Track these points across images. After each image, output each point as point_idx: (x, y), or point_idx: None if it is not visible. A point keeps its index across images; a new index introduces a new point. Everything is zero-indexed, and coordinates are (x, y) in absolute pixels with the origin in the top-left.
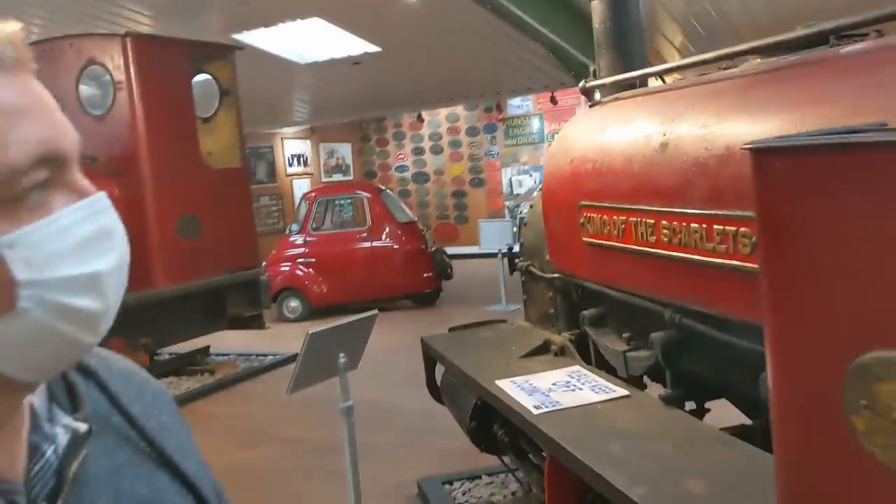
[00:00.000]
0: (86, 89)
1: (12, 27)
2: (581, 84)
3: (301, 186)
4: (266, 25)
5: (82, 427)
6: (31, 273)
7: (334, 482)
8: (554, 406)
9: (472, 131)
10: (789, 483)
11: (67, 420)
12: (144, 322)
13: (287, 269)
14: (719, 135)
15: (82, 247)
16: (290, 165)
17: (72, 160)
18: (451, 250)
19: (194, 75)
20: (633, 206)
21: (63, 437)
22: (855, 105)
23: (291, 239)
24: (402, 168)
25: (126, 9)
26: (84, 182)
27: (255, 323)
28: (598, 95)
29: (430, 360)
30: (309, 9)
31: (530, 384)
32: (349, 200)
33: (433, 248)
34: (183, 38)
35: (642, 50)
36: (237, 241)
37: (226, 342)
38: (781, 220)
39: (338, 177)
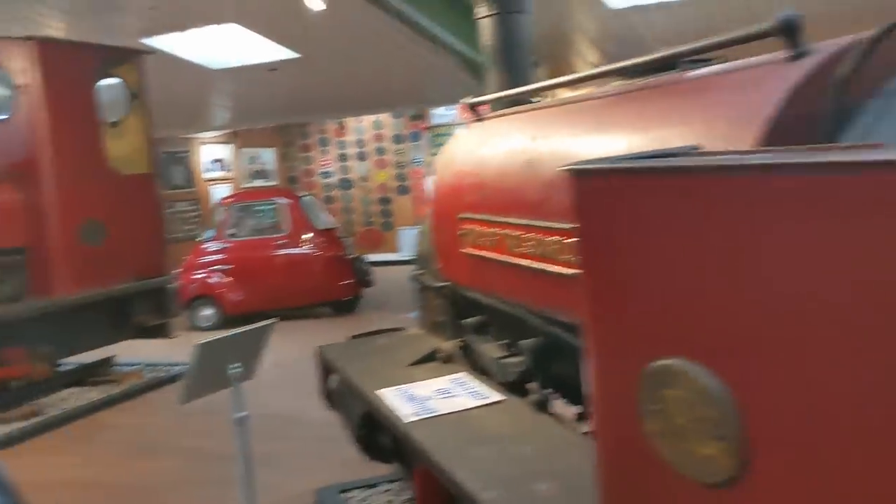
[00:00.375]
0: None
1: None
2: (463, 100)
3: (221, 192)
4: (180, 30)
5: None
6: None
7: (231, 492)
8: (429, 413)
9: (397, 139)
10: (605, 479)
11: None
12: (47, 331)
13: (201, 276)
14: (573, 152)
15: None
16: (210, 170)
17: None
18: (375, 257)
19: (102, 79)
20: (504, 219)
21: None
22: (688, 125)
23: (206, 245)
24: (326, 174)
25: (39, 13)
26: None
27: (162, 332)
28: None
29: (326, 368)
30: (225, 14)
31: (412, 392)
32: (267, 207)
33: (353, 256)
34: (90, 42)
35: (527, 67)
36: (145, 248)
37: (135, 351)
38: (593, 235)
39: (260, 182)
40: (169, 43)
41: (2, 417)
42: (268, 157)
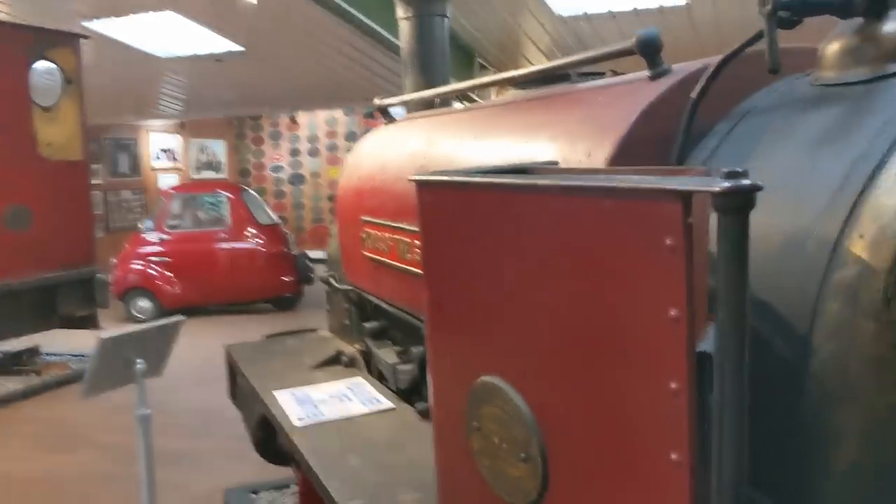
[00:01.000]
0: None
1: None
2: (375, 102)
3: (168, 181)
4: (117, 15)
5: None
6: None
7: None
8: (316, 418)
9: (350, 136)
10: (440, 495)
11: None
12: None
13: (138, 267)
14: (458, 159)
15: None
16: (157, 159)
17: None
18: (323, 254)
19: (34, 62)
20: (397, 224)
21: None
22: (556, 139)
23: (145, 236)
24: (277, 168)
25: None
26: None
27: (89, 323)
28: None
29: (232, 368)
30: (161, 2)
31: (307, 395)
32: (209, 199)
33: (295, 252)
34: (20, 23)
35: (444, 70)
36: (72, 236)
37: (62, 342)
38: (430, 245)
39: (209, 174)
40: (115, 29)
41: None
42: (218, 148)
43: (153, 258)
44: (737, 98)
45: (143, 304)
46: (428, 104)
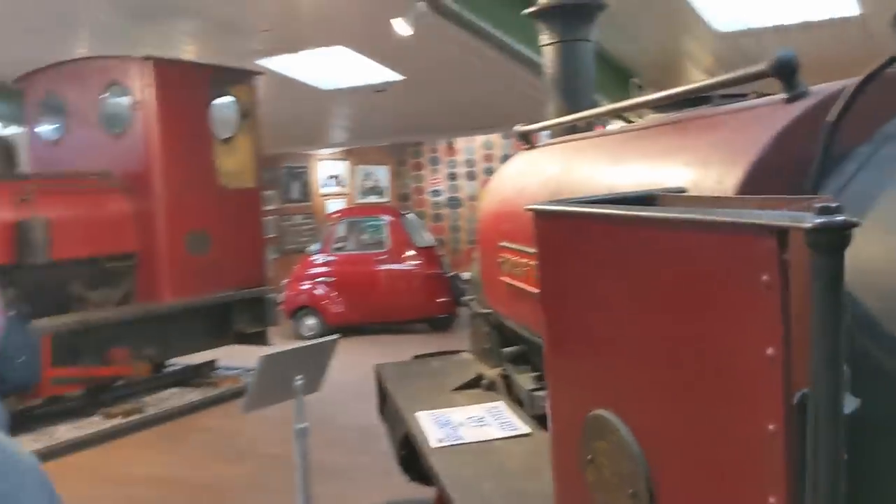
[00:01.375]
0: (107, 108)
1: None
2: (515, 129)
3: (335, 206)
4: (291, 52)
5: None
6: None
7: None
8: (454, 440)
9: (505, 159)
10: None
11: None
12: (150, 333)
13: (306, 287)
14: (592, 183)
15: None
16: (325, 185)
17: None
18: None
19: (216, 98)
20: (533, 250)
21: None
22: (689, 164)
23: (313, 258)
24: (436, 192)
25: (172, 35)
26: None
27: (260, 339)
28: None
29: (381, 387)
30: (333, 37)
31: (447, 417)
32: (371, 223)
33: (451, 274)
34: (203, 63)
35: (588, 95)
36: (246, 259)
37: (236, 357)
38: (547, 273)
39: (373, 198)
40: (284, 65)
41: (106, 413)
42: (381, 174)
43: (319, 279)
44: (879, 121)
45: (311, 322)
46: (569, 129)
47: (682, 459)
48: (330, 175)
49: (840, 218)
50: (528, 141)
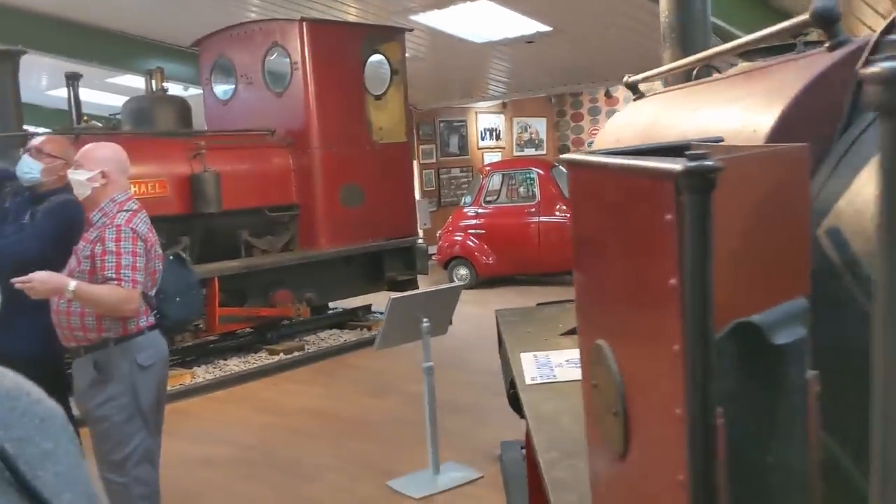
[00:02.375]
0: (270, 69)
1: None
2: (625, 79)
3: (492, 160)
4: (440, 8)
5: None
6: None
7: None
8: (547, 379)
9: None
10: (588, 444)
11: None
12: (310, 278)
13: (459, 239)
14: (673, 132)
15: None
16: (483, 139)
17: None
18: None
19: (368, 56)
20: None
21: None
22: (749, 107)
23: (465, 210)
24: (593, 143)
25: None
26: None
27: (410, 286)
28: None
29: (499, 331)
30: None
31: (548, 359)
32: (521, 175)
33: None
34: (355, 22)
35: (705, 43)
36: (396, 210)
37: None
38: (575, 218)
39: (530, 151)
40: (437, 20)
41: (271, 350)
42: (540, 126)
43: (471, 230)
44: None
45: (463, 272)
46: (685, 78)
47: (637, 380)
48: (487, 128)
49: (705, 163)
50: (637, 91)
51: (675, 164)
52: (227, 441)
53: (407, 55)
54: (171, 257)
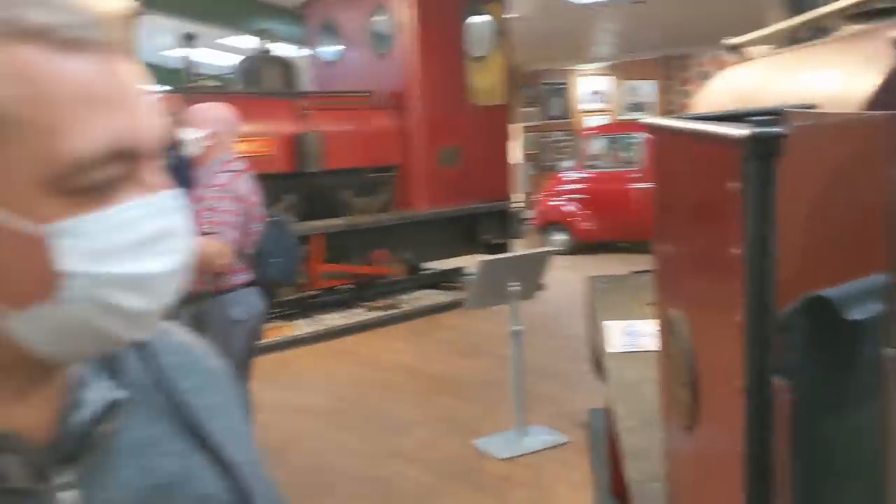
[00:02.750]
0: (374, 30)
1: (114, 4)
2: (724, 42)
3: (596, 123)
4: None
5: (119, 395)
6: (78, 265)
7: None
8: (630, 348)
9: None
10: (662, 411)
11: (106, 385)
12: (406, 239)
13: (557, 203)
14: (771, 97)
15: (140, 244)
16: (587, 102)
17: (147, 155)
18: None
19: (471, 17)
20: None
21: (98, 404)
22: (851, 72)
23: (565, 175)
24: None
25: None
26: (157, 178)
27: (504, 250)
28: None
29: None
30: None
31: (634, 328)
32: (624, 140)
33: None
34: None
35: (814, 4)
36: (492, 173)
37: None
38: (656, 183)
39: (637, 115)
40: None
41: (367, 306)
42: (647, 89)
43: (571, 195)
44: None
45: (559, 237)
46: (790, 42)
47: (705, 350)
48: (593, 91)
49: (769, 129)
50: (737, 54)
51: (740, 130)
52: (322, 391)
53: (511, 15)
54: (273, 219)
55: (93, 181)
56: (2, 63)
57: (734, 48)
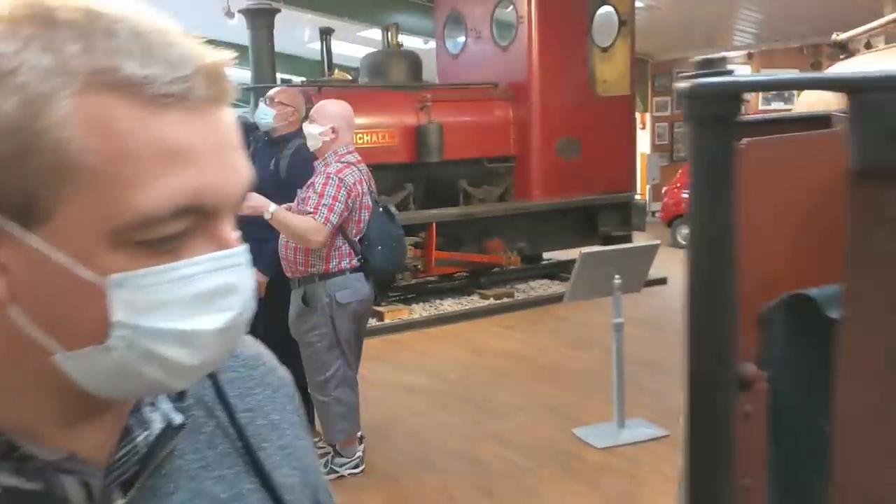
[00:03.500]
0: (498, 23)
1: (220, 57)
2: (833, 37)
3: None
4: None
5: (177, 418)
6: (127, 316)
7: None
8: None
9: None
10: None
11: (167, 406)
12: (522, 229)
13: (686, 196)
14: None
15: (197, 300)
16: None
17: (224, 211)
18: None
19: (597, 8)
20: None
21: (158, 424)
22: None
23: None
24: None
25: None
26: (228, 233)
27: (625, 243)
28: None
29: None
30: None
31: None
32: None
33: None
34: None
35: None
36: (614, 164)
37: None
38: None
39: (778, 105)
40: None
41: (482, 294)
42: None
43: None
44: None
45: (687, 231)
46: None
47: None
48: None
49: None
50: (845, 51)
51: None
52: (431, 372)
53: (641, 4)
54: (381, 209)
55: (161, 235)
56: (89, 113)
57: (843, 44)
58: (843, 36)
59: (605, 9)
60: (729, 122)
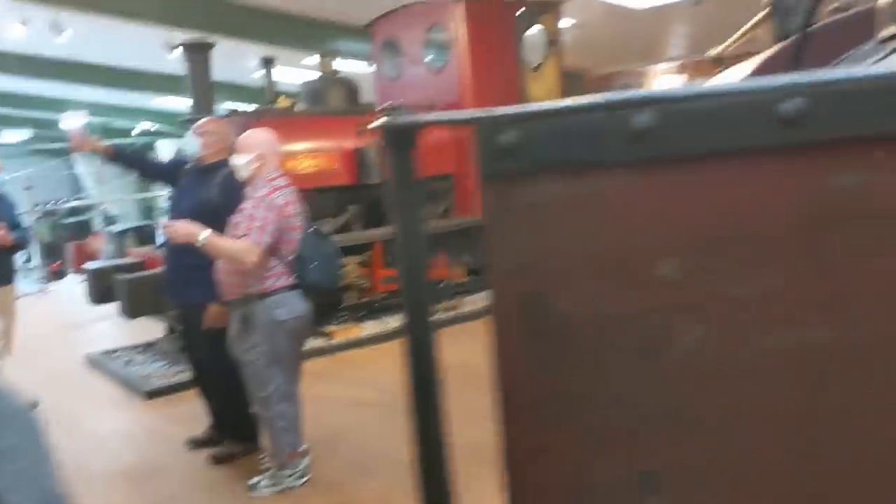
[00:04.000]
0: (430, 47)
1: None
2: (708, 53)
3: None
4: None
5: None
6: None
7: None
8: None
9: None
10: None
11: None
12: (465, 244)
13: None
14: None
15: None
16: None
17: None
18: None
19: (525, 30)
20: None
21: None
22: None
23: None
24: None
25: None
26: None
27: None
28: None
29: None
30: None
31: None
32: None
33: None
34: None
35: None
36: None
37: None
38: None
39: None
40: None
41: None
42: None
43: None
44: None
45: None
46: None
47: None
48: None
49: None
50: (722, 63)
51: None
52: (376, 387)
53: (573, 22)
54: (311, 229)
55: None
56: None
57: (718, 58)
58: (715, 52)
59: (536, 29)
60: (409, 146)
